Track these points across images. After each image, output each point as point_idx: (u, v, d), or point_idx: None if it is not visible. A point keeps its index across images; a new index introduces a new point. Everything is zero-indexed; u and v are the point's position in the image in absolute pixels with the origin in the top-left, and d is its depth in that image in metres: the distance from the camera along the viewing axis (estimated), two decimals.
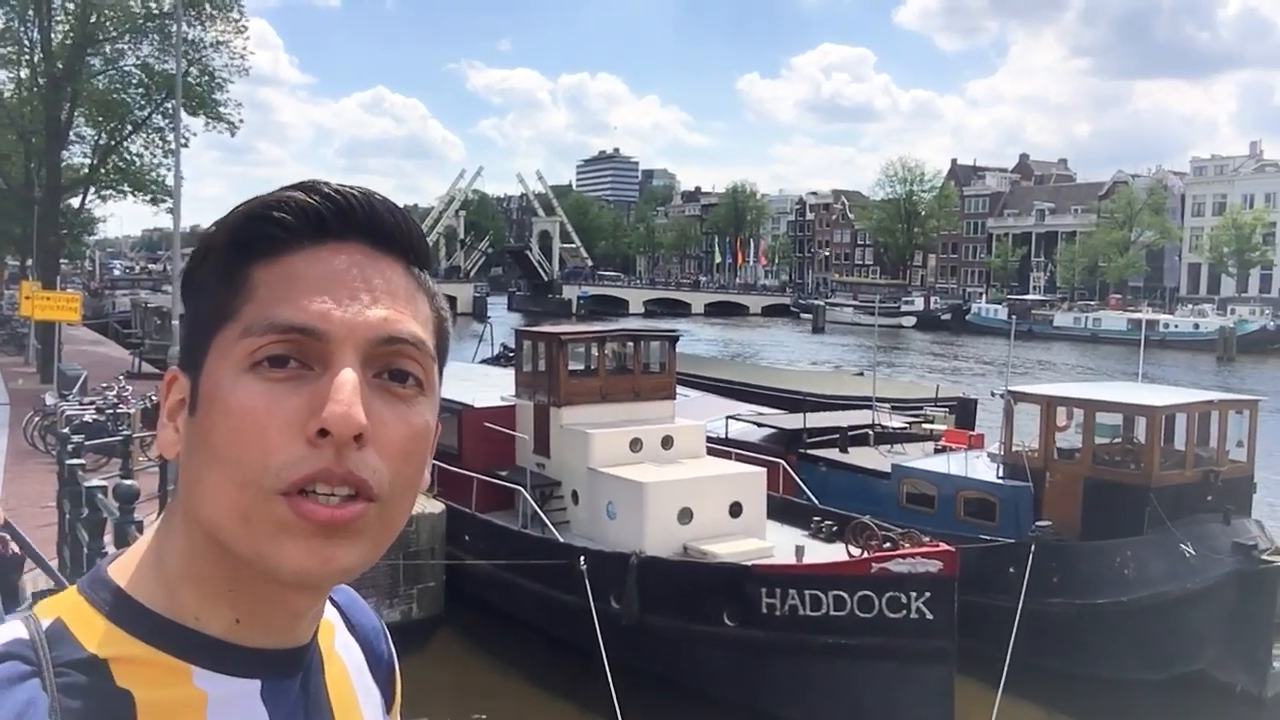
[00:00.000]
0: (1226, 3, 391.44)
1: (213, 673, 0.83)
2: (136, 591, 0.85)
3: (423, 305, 0.88)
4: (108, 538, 5.86)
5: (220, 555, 0.82)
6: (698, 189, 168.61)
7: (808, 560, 12.16)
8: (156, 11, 28.26)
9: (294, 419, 0.79)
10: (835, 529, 13.66)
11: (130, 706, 0.79)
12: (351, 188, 0.86)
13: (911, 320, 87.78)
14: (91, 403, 17.95)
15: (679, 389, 16.89)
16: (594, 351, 15.66)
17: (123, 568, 0.87)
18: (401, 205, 0.90)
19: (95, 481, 6.66)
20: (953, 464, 15.84)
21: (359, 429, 0.78)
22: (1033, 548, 12.88)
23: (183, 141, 24.06)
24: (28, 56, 29.08)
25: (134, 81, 29.58)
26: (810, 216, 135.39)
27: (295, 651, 0.89)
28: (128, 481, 5.76)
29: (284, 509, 0.78)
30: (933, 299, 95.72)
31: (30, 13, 27.78)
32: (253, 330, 0.81)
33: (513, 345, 20.77)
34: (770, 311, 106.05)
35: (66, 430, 12.78)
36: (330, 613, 0.98)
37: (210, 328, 0.84)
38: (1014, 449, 15.05)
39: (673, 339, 16.47)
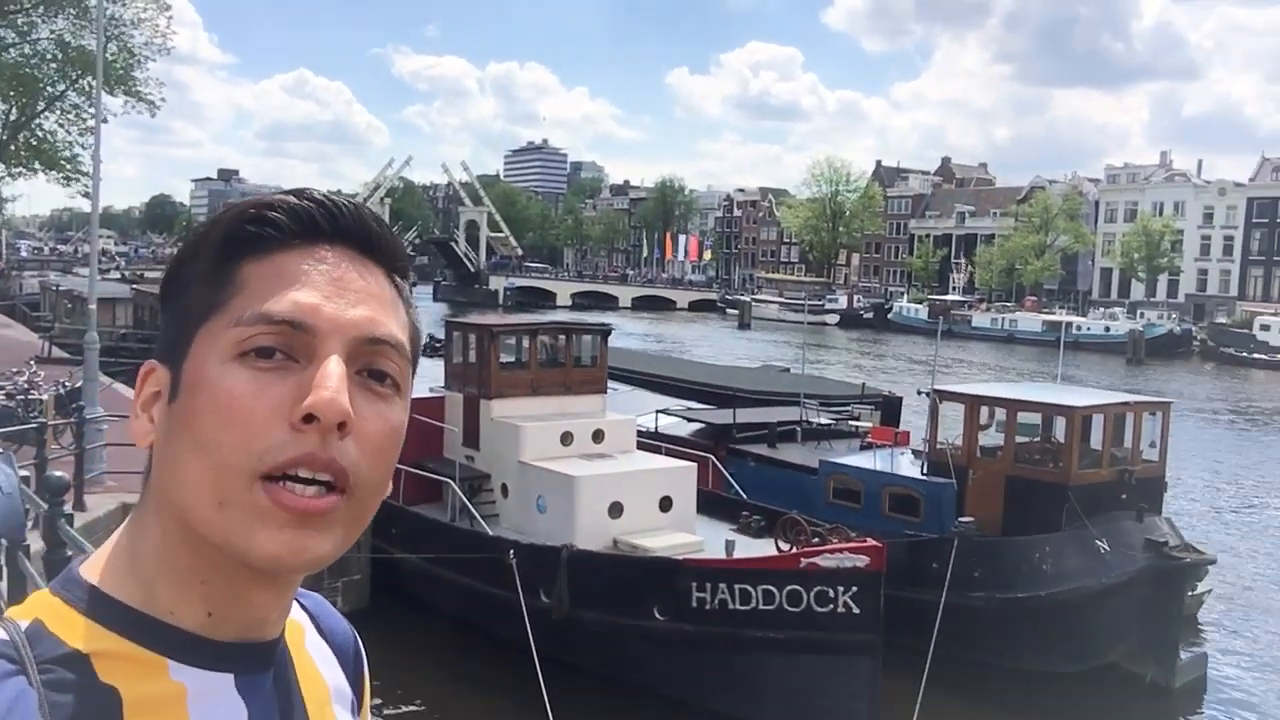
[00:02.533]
0: (1141, 15, 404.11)
1: (188, 666, 0.85)
2: (111, 588, 0.85)
3: (401, 312, 0.91)
4: (29, 529, 5.64)
5: (193, 546, 0.84)
6: (626, 183, 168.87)
7: (737, 555, 12.25)
8: None
9: (279, 405, 0.81)
10: (764, 524, 13.80)
11: (117, 701, 0.80)
12: (342, 197, 0.90)
13: (835, 318, 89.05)
14: (1, 388, 17.27)
15: (609, 383, 16.88)
16: (525, 344, 15.57)
17: (94, 566, 0.88)
18: (324, 190, 0.93)
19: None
20: (879, 460, 16.11)
21: (343, 416, 0.81)
22: (956, 543, 13.16)
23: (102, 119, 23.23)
24: None
25: (47, 56, 28.57)
26: (737, 213, 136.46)
27: (266, 645, 0.90)
28: (56, 473, 5.54)
29: (261, 495, 0.80)
30: (856, 298, 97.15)
31: None
32: (242, 320, 0.83)
33: (440, 336, 20.55)
34: (697, 306, 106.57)
35: None
36: (300, 615, 1.00)
37: (197, 320, 0.85)
38: (938, 446, 15.35)
39: (605, 333, 16.45)
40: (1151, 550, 13.21)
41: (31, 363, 20.59)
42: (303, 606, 1.02)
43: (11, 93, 28.63)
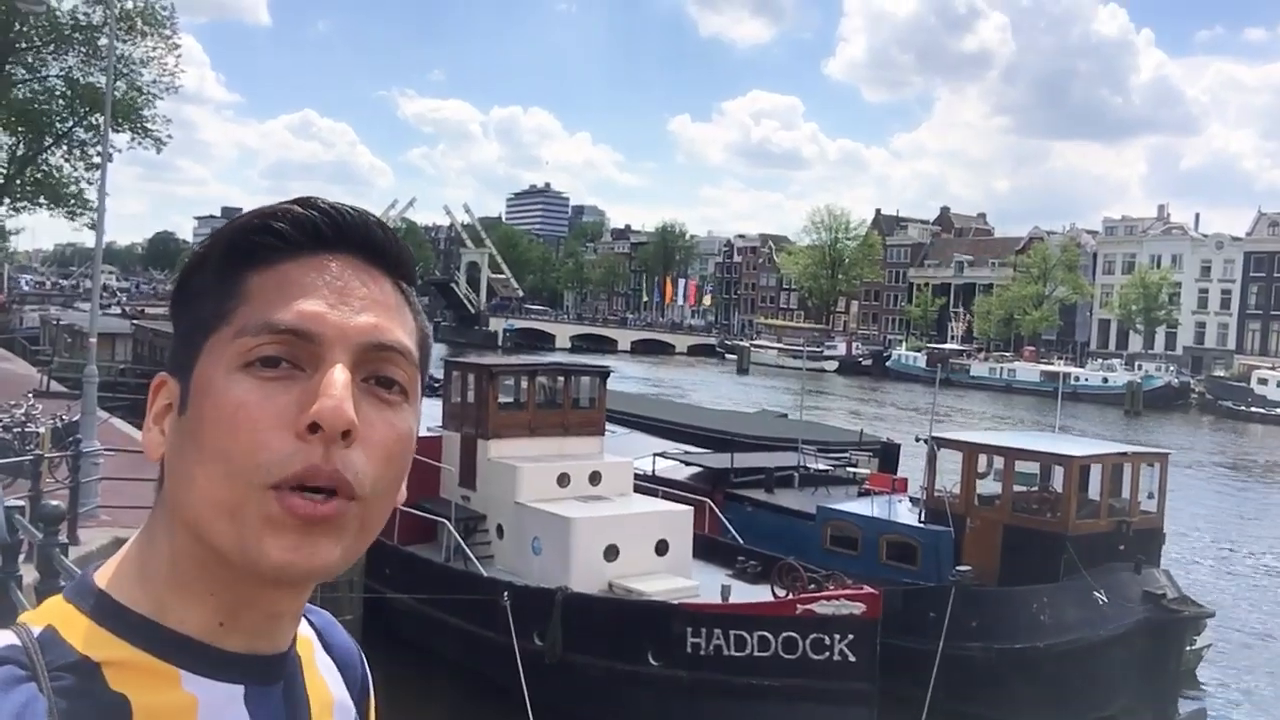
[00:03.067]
0: (1139, 70, 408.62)
1: (199, 677, 0.84)
2: (123, 596, 0.85)
3: (408, 318, 0.91)
4: (21, 560, 5.61)
5: (203, 555, 0.83)
6: (627, 227, 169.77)
7: (733, 600, 12.17)
8: (84, 24, 27.67)
9: (285, 415, 0.81)
10: (760, 569, 13.72)
11: (126, 710, 0.80)
12: (346, 204, 0.89)
13: (834, 365, 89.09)
14: None
15: (607, 425, 16.86)
16: (524, 384, 15.57)
17: (109, 574, 0.88)
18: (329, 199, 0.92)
19: (9, 501, 6.37)
20: (876, 507, 16.05)
21: (348, 424, 0.80)
22: (953, 592, 13.08)
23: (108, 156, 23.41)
24: None
25: (56, 93, 28.88)
26: (737, 259, 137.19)
27: (276, 658, 0.90)
28: (53, 502, 5.52)
29: (272, 503, 0.80)
30: (854, 345, 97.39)
31: None
32: (247, 330, 0.83)
33: (438, 376, 20.55)
34: (696, 351, 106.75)
35: None
36: (307, 631, 1.00)
37: (204, 331, 0.85)
38: (936, 494, 15.31)
39: (603, 374, 16.46)
40: (1150, 602, 13.14)
41: (29, 396, 20.60)
42: (310, 622, 1.01)
43: (20, 128, 28.90)
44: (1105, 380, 73.07)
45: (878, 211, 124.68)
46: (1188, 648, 14.38)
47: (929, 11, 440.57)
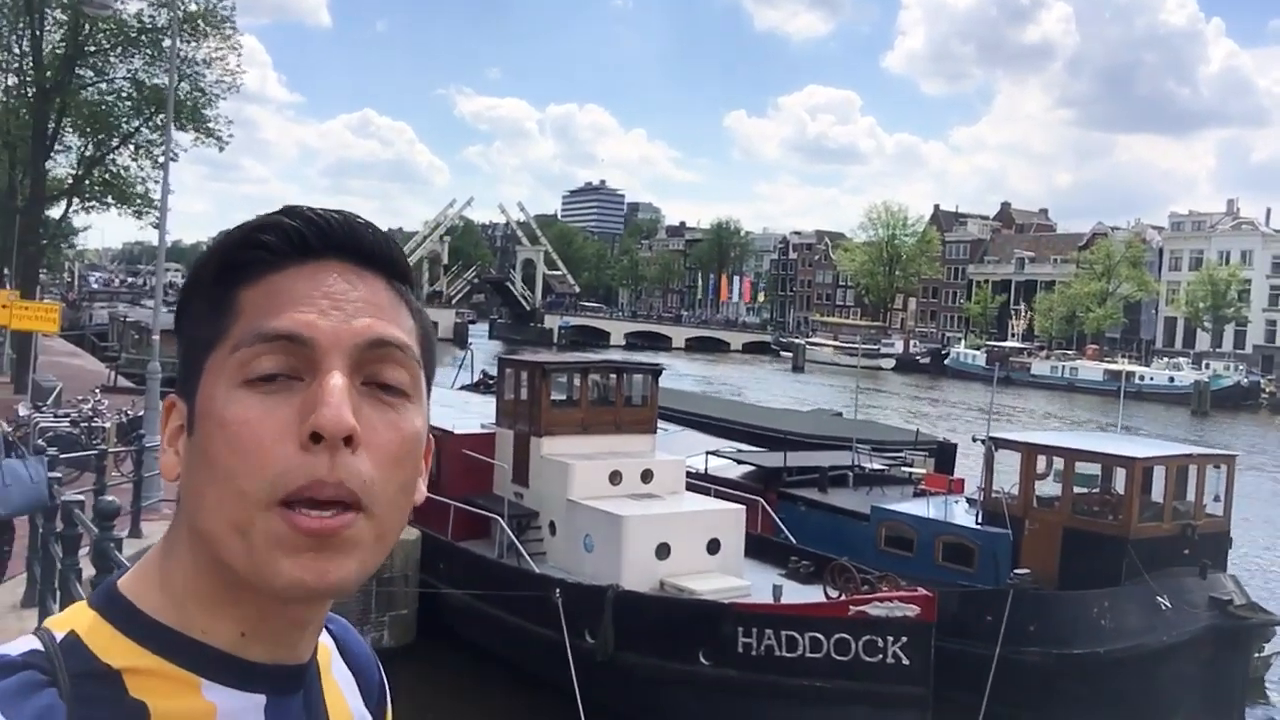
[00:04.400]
0: (1209, 60, 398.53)
1: (220, 686, 0.85)
2: (146, 605, 0.86)
3: (406, 317, 0.90)
4: (83, 553, 5.75)
5: (222, 572, 0.84)
6: (682, 224, 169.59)
7: (785, 600, 12.09)
8: (150, 26, 28.25)
9: (287, 427, 0.81)
10: (813, 569, 13.62)
11: (145, 718, 0.81)
12: (331, 210, 0.89)
13: (890, 362, 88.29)
14: (66, 415, 17.71)
15: (659, 423, 16.84)
16: (577, 382, 15.62)
17: (132, 582, 0.88)
18: (384, 228, 0.91)
19: (70, 495, 6.53)
20: (932, 508, 15.84)
21: (349, 430, 0.80)
22: (1011, 595, 12.86)
23: (172, 156, 23.91)
24: (17, 65, 29.03)
25: (123, 94, 29.54)
26: (793, 255, 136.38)
27: (297, 669, 0.91)
28: (108, 497, 5.66)
29: (278, 521, 0.80)
30: (912, 342, 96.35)
31: (21, 22, 27.73)
32: (241, 343, 0.83)
33: (493, 372, 20.69)
34: (751, 348, 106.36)
35: (41, 442, 12.58)
36: (326, 639, 1.00)
37: (203, 351, 0.86)
38: (994, 495, 15.06)
39: (656, 372, 16.44)
40: (1215, 609, 12.80)
41: (96, 391, 21.15)
42: (328, 630, 1.02)
43: (88, 129, 29.60)
44: (1171, 379, 71.43)
45: (936, 207, 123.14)
46: (1255, 655, 14.01)
47: (990, 2, 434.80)
